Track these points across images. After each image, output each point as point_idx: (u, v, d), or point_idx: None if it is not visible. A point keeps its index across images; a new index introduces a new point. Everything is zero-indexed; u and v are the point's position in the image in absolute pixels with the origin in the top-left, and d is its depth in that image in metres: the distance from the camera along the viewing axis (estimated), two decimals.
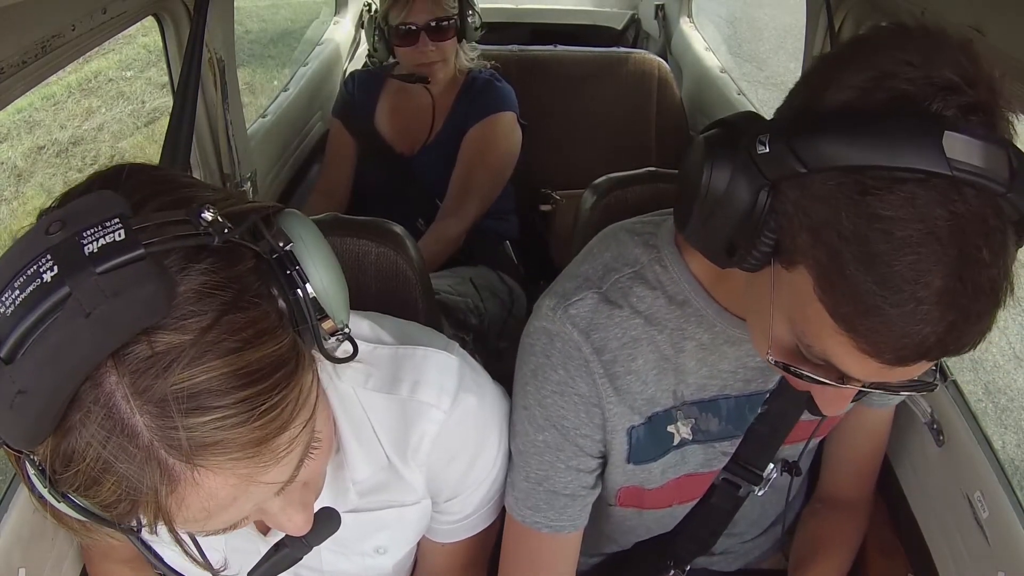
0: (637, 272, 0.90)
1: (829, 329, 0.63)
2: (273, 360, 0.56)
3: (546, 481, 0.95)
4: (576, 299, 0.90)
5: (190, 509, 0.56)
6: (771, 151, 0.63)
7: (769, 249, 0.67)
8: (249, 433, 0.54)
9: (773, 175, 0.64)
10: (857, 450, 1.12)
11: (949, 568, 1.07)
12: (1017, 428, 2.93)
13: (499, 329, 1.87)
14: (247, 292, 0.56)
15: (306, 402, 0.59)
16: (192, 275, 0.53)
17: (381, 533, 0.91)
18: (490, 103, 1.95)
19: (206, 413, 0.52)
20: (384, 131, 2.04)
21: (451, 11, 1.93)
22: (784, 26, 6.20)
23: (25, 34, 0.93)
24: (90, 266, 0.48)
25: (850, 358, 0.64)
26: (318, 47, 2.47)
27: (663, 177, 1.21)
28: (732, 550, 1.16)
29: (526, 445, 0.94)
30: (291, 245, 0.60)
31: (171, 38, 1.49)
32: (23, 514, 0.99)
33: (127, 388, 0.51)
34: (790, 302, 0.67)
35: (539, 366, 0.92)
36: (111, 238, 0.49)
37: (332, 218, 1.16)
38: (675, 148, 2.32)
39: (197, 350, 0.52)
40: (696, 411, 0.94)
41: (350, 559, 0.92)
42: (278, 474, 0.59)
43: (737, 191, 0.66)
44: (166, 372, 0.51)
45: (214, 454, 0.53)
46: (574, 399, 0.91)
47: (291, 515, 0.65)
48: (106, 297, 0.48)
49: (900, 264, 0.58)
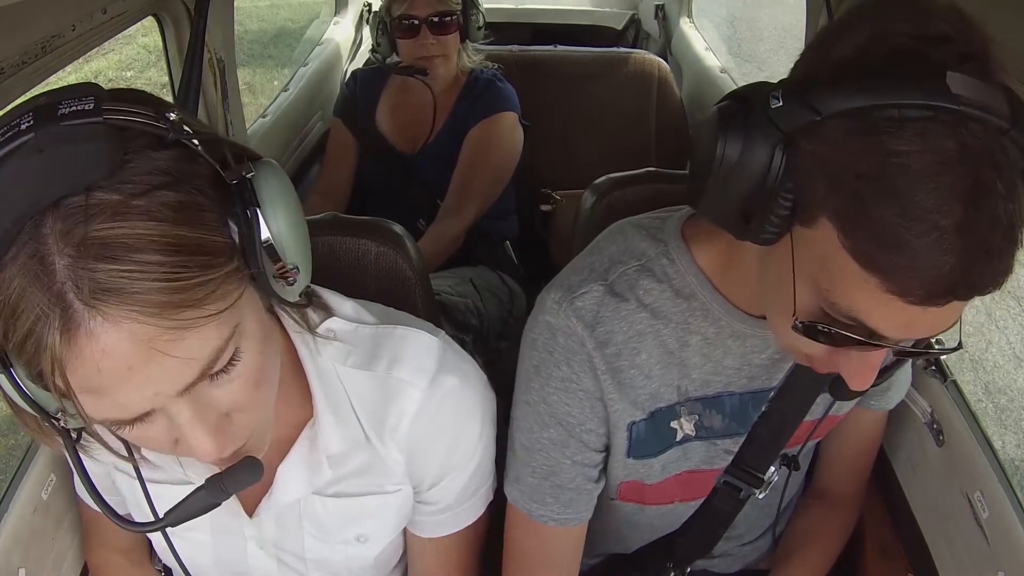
0: (644, 265, 0.90)
1: (855, 277, 0.63)
2: (195, 244, 0.59)
3: (552, 476, 0.95)
4: (582, 291, 0.89)
5: (84, 364, 0.57)
6: (784, 104, 0.65)
7: (787, 211, 0.67)
8: (150, 292, 0.57)
9: (788, 127, 0.65)
10: (851, 448, 1.13)
11: (949, 568, 1.07)
12: (1017, 428, 2.93)
13: (499, 329, 1.87)
14: (191, 184, 0.60)
15: (221, 299, 0.61)
16: (144, 157, 0.59)
17: (362, 521, 0.92)
18: (492, 103, 1.95)
19: (115, 262, 0.56)
20: (385, 130, 2.04)
21: (454, 7, 1.94)
22: (784, 26, 6.20)
23: (25, 34, 0.93)
24: (57, 120, 0.57)
25: (878, 306, 0.64)
26: (318, 47, 2.47)
27: (663, 177, 1.21)
28: (731, 552, 1.16)
29: (531, 441, 0.95)
30: (251, 175, 0.63)
31: (171, 38, 1.49)
32: (23, 514, 0.99)
33: (57, 231, 0.56)
34: (813, 261, 0.68)
35: (542, 362, 0.92)
36: (82, 106, 0.58)
37: (332, 218, 1.16)
38: (675, 148, 2.32)
39: (125, 208, 0.57)
40: (700, 407, 0.94)
41: (332, 547, 0.93)
42: (177, 351, 0.59)
43: (754, 149, 0.66)
44: (90, 220, 0.56)
45: (114, 302, 0.56)
46: (579, 395, 0.91)
47: (198, 433, 0.64)
48: (60, 141, 0.56)
49: (920, 194, 0.59)
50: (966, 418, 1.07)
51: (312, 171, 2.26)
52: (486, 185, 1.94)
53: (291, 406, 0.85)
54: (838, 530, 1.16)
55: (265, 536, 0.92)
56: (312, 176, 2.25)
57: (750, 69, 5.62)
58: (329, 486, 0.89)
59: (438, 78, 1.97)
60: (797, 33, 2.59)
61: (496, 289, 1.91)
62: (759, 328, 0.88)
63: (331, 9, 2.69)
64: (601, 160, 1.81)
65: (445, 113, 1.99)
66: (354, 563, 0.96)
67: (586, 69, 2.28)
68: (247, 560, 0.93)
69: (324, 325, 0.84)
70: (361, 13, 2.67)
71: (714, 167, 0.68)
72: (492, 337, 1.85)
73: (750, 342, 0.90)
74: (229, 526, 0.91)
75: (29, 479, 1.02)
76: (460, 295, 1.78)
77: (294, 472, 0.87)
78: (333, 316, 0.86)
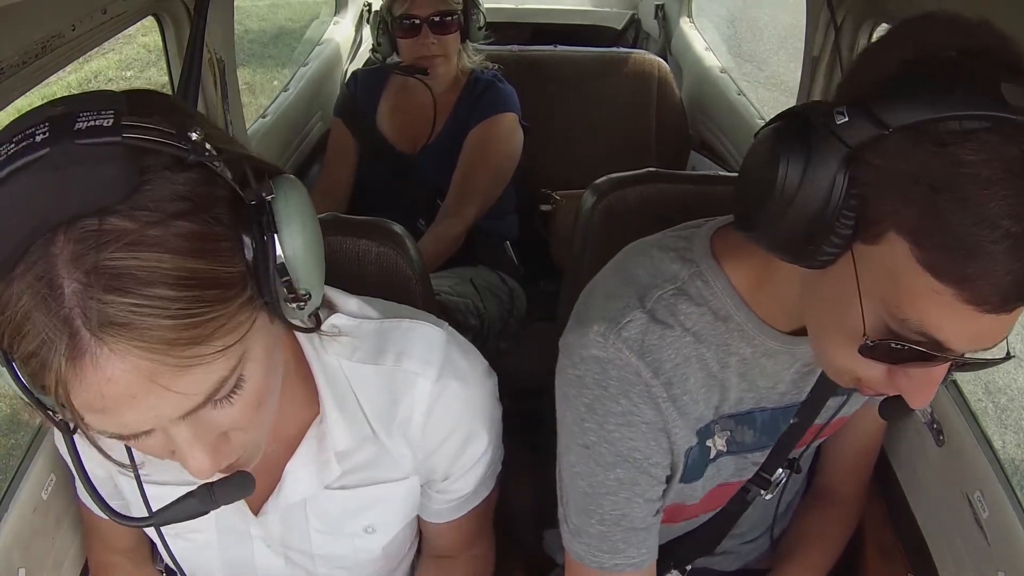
0: (679, 288, 0.87)
1: (927, 290, 0.63)
2: (209, 277, 0.58)
3: (624, 519, 0.91)
4: (626, 321, 0.85)
5: (87, 389, 0.57)
6: (850, 119, 0.64)
7: (849, 231, 0.67)
8: (159, 328, 0.56)
9: (854, 141, 0.64)
10: (853, 447, 1.13)
11: (949, 568, 1.07)
12: (1017, 428, 2.93)
13: (499, 329, 1.87)
14: (208, 211, 0.59)
15: (230, 333, 0.60)
16: (163, 180, 0.58)
17: (369, 511, 0.92)
18: (492, 104, 1.95)
19: (125, 295, 0.55)
20: (386, 130, 2.04)
21: (455, 7, 1.94)
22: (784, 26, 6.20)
23: (25, 34, 0.93)
24: (72, 137, 0.55)
25: (951, 318, 0.64)
26: (318, 47, 2.47)
27: (663, 177, 1.21)
28: (731, 551, 1.16)
29: (594, 486, 0.90)
30: (271, 197, 0.62)
31: (171, 38, 1.49)
32: (23, 514, 0.99)
33: (68, 254, 0.55)
34: (879, 278, 0.67)
35: (596, 399, 0.87)
36: (100, 122, 0.56)
37: (332, 218, 1.16)
38: (675, 148, 2.32)
39: (137, 238, 0.56)
40: (732, 423, 0.93)
41: (339, 540, 0.93)
42: (180, 387, 0.59)
43: (820, 167, 0.65)
44: (102, 248, 0.55)
45: (120, 335, 0.55)
46: (642, 428, 0.87)
47: (195, 453, 0.64)
48: (73, 163, 0.54)
49: (992, 201, 0.60)
50: (966, 418, 1.07)
51: (312, 171, 2.26)
52: (486, 186, 1.94)
53: (297, 404, 0.85)
54: (839, 530, 1.16)
55: (272, 534, 0.92)
56: (312, 176, 2.24)
57: (750, 69, 5.61)
58: (335, 480, 0.89)
59: (438, 78, 1.97)
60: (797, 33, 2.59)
61: (496, 289, 1.91)
62: (789, 345, 0.87)
63: (331, 9, 2.69)
64: (601, 160, 1.81)
65: (445, 113, 1.99)
66: (362, 555, 0.96)
67: (586, 69, 2.28)
68: (254, 559, 0.94)
69: (328, 321, 0.84)
70: (361, 13, 2.66)
71: (775, 189, 0.67)
72: (492, 337, 1.85)
73: (781, 359, 0.89)
74: (235, 526, 0.91)
75: (29, 479, 1.02)
76: (460, 295, 1.78)
77: (303, 470, 0.87)
78: (337, 312, 0.86)
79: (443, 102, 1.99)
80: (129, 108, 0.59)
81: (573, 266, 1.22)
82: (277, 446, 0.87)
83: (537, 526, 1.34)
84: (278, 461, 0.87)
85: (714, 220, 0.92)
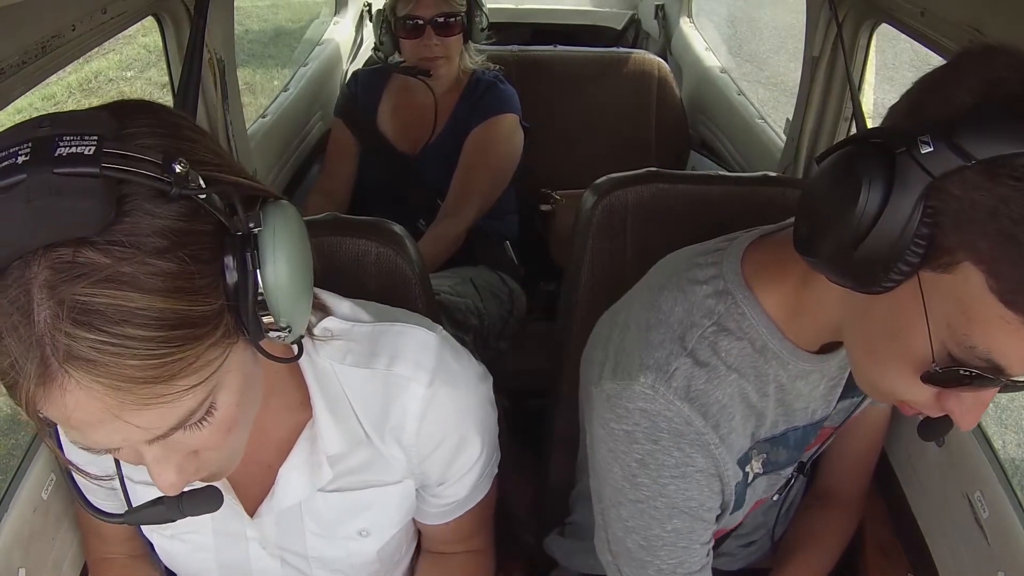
0: (718, 324, 0.85)
1: (998, 319, 0.63)
2: (180, 318, 0.57)
3: (681, 567, 0.91)
4: (673, 369, 0.84)
5: (56, 411, 0.58)
6: (935, 148, 0.64)
7: (918, 259, 0.66)
8: (124, 367, 0.56)
9: (938, 171, 0.64)
10: (855, 448, 1.13)
11: (949, 568, 1.07)
12: (1017, 428, 2.93)
13: (499, 329, 1.87)
14: (187, 248, 0.58)
15: (199, 371, 0.60)
16: (142, 213, 0.56)
17: (363, 515, 0.92)
18: (493, 105, 1.95)
19: (92, 332, 0.55)
20: (386, 130, 2.04)
21: (459, 8, 1.94)
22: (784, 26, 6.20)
23: (25, 34, 0.93)
24: (51, 164, 0.53)
25: (1019, 346, 0.65)
26: (318, 47, 2.47)
27: (663, 177, 1.21)
28: (733, 551, 1.16)
29: (651, 539, 0.90)
30: (259, 230, 0.61)
31: (171, 38, 1.49)
32: (23, 514, 0.99)
33: (42, 280, 0.54)
34: (948, 306, 0.67)
35: (648, 453, 0.85)
36: (81, 149, 0.54)
37: (332, 218, 1.16)
38: (675, 148, 2.32)
39: (110, 275, 0.55)
40: (768, 447, 0.93)
41: (334, 543, 0.93)
42: (144, 421, 0.59)
43: (902, 196, 0.65)
44: (75, 281, 0.54)
45: (86, 371, 0.55)
46: (696, 477, 0.87)
47: (162, 471, 0.65)
48: (49, 194, 0.53)
49: None
50: None
51: (312, 171, 2.26)
52: (486, 186, 1.94)
53: (290, 408, 0.85)
54: (839, 530, 1.17)
55: (267, 536, 0.92)
56: (312, 176, 2.24)
57: (750, 69, 5.61)
58: (329, 483, 0.89)
59: (440, 79, 1.97)
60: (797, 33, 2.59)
61: (496, 289, 1.91)
62: (819, 363, 0.87)
63: (331, 9, 2.69)
64: (601, 160, 1.81)
65: (446, 114, 1.99)
66: (357, 559, 0.96)
67: (586, 69, 2.28)
68: (249, 561, 0.94)
69: (321, 325, 0.84)
70: (361, 13, 2.66)
71: (854, 215, 0.66)
72: (492, 337, 1.85)
73: (812, 378, 0.90)
74: (231, 528, 0.91)
75: (29, 479, 1.02)
76: (460, 295, 1.78)
77: (295, 473, 0.87)
78: (330, 315, 0.85)
79: (444, 103, 1.99)
80: (116, 131, 0.58)
81: (573, 266, 1.22)
82: (270, 449, 0.87)
83: (538, 527, 1.35)
84: (272, 464, 0.87)
85: (740, 239, 0.90)
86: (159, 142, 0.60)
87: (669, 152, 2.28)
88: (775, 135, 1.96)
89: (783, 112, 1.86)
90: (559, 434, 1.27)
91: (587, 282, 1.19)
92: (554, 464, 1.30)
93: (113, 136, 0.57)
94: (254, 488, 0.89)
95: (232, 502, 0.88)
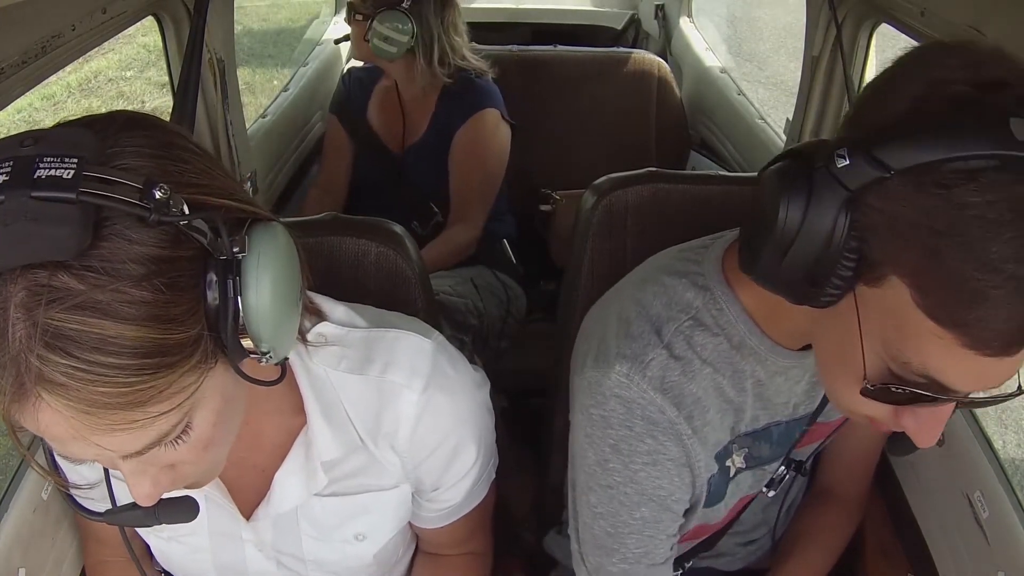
0: (695, 318, 0.86)
1: (929, 334, 0.62)
2: (153, 346, 0.57)
3: (646, 557, 0.92)
4: (649, 359, 0.85)
5: (30, 425, 0.58)
6: (851, 162, 0.63)
7: (850, 273, 0.66)
8: (94, 394, 0.56)
9: (855, 185, 0.63)
10: (855, 448, 1.13)
11: (949, 568, 1.07)
12: (1017, 428, 2.93)
13: (499, 329, 1.87)
14: (164, 276, 0.57)
15: (171, 397, 0.59)
16: (120, 240, 0.56)
17: (360, 519, 0.92)
18: (472, 102, 1.93)
19: (63, 356, 0.54)
20: (376, 127, 2.04)
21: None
22: (784, 26, 6.20)
23: (25, 34, 0.93)
24: (29, 188, 0.53)
25: (954, 362, 0.63)
26: (318, 47, 2.47)
27: (663, 177, 1.21)
28: (733, 552, 1.16)
29: (618, 526, 0.90)
30: (243, 255, 0.60)
31: (171, 38, 1.49)
32: (23, 514, 0.99)
33: (19, 299, 0.54)
34: (881, 321, 0.66)
35: (621, 439, 0.87)
36: (60, 172, 0.53)
37: (332, 218, 1.16)
38: (675, 148, 2.32)
39: (84, 301, 0.54)
40: (749, 441, 0.93)
41: (330, 546, 0.93)
42: (115, 445, 0.60)
43: (820, 210, 0.64)
44: (50, 305, 0.54)
45: (57, 395, 0.56)
46: (667, 466, 0.88)
47: (137, 483, 0.65)
48: (25, 218, 0.52)
49: (995, 244, 0.58)
50: (966, 418, 1.06)
51: (312, 171, 2.26)
52: (484, 186, 1.95)
53: (284, 412, 0.85)
54: (839, 529, 1.16)
55: (263, 539, 0.92)
56: (312, 176, 2.25)
57: (750, 69, 5.61)
58: (326, 487, 0.89)
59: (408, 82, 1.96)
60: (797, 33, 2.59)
61: (496, 289, 1.91)
62: (799, 360, 0.87)
63: (331, 9, 2.69)
64: (601, 160, 1.81)
65: (428, 113, 1.98)
66: (353, 562, 0.96)
67: (586, 69, 2.28)
68: (246, 563, 0.94)
69: (315, 330, 0.83)
70: None
71: (776, 231, 0.66)
72: (492, 337, 1.85)
73: (792, 373, 0.90)
74: (227, 530, 0.91)
75: (29, 479, 1.02)
76: (460, 295, 1.78)
77: (291, 479, 0.87)
78: (324, 320, 0.85)
79: (426, 101, 1.97)
80: (100, 152, 0.57)
81: (573, 266, 1.22)
82: (265, 453, 0.87)
83: (538, 526, 1.35)
84: (267, 468, 0.87)
85: (724, 238, 0.91)
86: (144, 163, 0.59)
87: (669, 152, 2.28)
88: (775, 135, 1.96)
89: (783, 112, 1.86)
90: (558, 433, 1.27)
91: (587, 282, 1.19)
92: (554, 464, 1.30)
93: (95, 158, 0.56)
94: (249, 491, 0.89)
95: (227, 505, 0.88)
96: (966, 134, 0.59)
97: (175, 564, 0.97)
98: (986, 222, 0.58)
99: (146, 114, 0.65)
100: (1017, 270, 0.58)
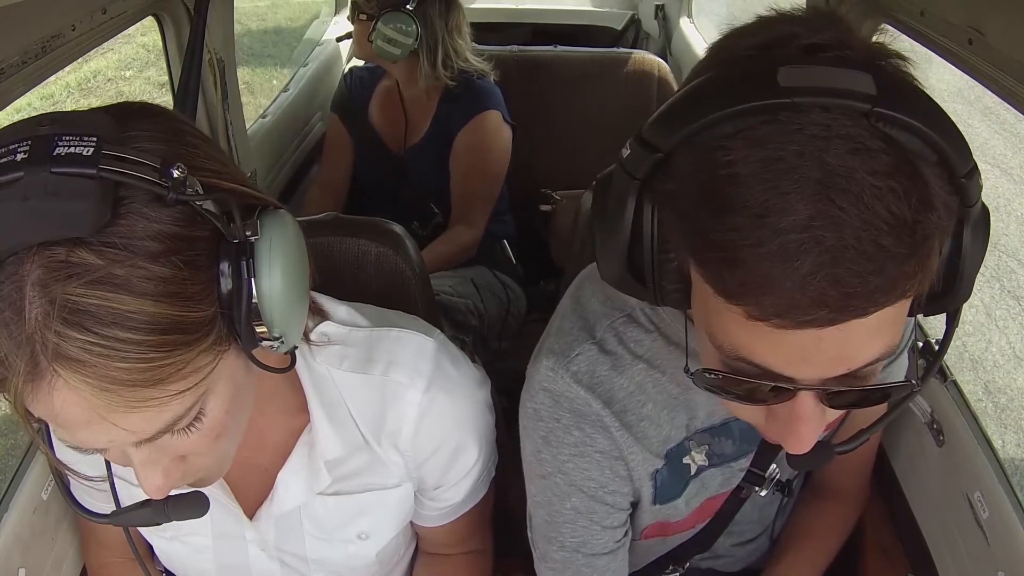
0: (629, 315, 0.86)
1: (725, 312, 0.58)
2: (170, 323, 0.57)
3: (583, 547, 0.92)
4: (575, 354, 0.85)
5: (43, 409, 0.58)
6: (631, 150, 0.62)
7: (673, 264, 0.64)
8: (112, 370, 0.56)
9: (640, 173, 0.61)
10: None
11: (949, 568, 1.07)
12: (1017, 428, 2.93)
13: (499, 330, 1.87)
14: (182, 253, 0.58)
15: (188, 377, 0.60)
16: (138, 217, 0.56)
17: (362, 518, 0.92)
18: (474, 102, 1.93)
19: (82, 332, 0.55)
20: (377, 127, 2.05)
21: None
22: None
23: (25, 34, 0.93)
24: (49, 164, 0.53)
25: (752, 338, 0.58)
26: (318, 47, 2.47)
27: None
28: (732, 552, 1.16)
29: (553, 515, 0.91)
30: (256, 239, 0.61)
31: (171, 38, 1.49)
32: (23, 514, 0.99)
33: (35, 277, 0.54)
34: (697, 307, 0.64)
35: (550, 431, 0.88)
36: (80, 150, 0.54)
37: (332, 218, 1.16)
38: None
39: (103, 276, 0.55)
40: (708, 437, 0.92)
41: (333, 545, 0.93)
42: (131, 424, 0.59)
43: (621, 205, 0.62)
44: (67, 281, 0.54)
45: (74, 371, 0.55)
46: (595, 457, 0.88)
47: (148, 474, 0.65)
48: (45, 194, 0.53)
49: (751, 199, 0.53)
50: (966, 418, 1.07)
51: (312, 171, 2.27)
52: (486, 188, 1.95)
53: (287, 412, 0.85)
54: (837, 524, 1.16)
55: (266, 539, 0.92)
56: (312, 176, 2.25)
57: None
58: (328, 487, 0.89)
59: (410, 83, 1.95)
60: None
61: (496, 289, 1.92)
62: None
63: (331, 9, 2.69)
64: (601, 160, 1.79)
65: (429, 114, 1.98)
66: (356, 561, 0.96)
67: (586, 69, 2.28)
68: (249, 562, 0.94)
69: (318, 329, 0.84)
70: None
71: (600, 235, 0.65)
72: (492, 337, 1.85)
73: None
74: (230, 530, 0.91)
75: (29, 479, 1.02)
76: (460, 295, 1.78)
77: (294, 478, 0.87)
78: (327, 320, 0.85)
79: (427, 102, 1.97)
80: (116, 133, 0.57)
81: (573, 266, 1.22)
82: (268, 452, 0.87)
83: None
84: (270, 468, 0.87)
85: None
86: (159, 147, 0.59)
87: None
88: None
89: None
90: None
91: None
92: None
93: (112, 138, 0.56)
94: (252, 491, 0.89)
95: (231, 505, 0.88)
96: (729, 92, 0.55)
97: (177, 564, 0.97)
98: (739, 179, 0.54)
99: (155, 104, 0.65)
100: (777, 222, 0.52)
